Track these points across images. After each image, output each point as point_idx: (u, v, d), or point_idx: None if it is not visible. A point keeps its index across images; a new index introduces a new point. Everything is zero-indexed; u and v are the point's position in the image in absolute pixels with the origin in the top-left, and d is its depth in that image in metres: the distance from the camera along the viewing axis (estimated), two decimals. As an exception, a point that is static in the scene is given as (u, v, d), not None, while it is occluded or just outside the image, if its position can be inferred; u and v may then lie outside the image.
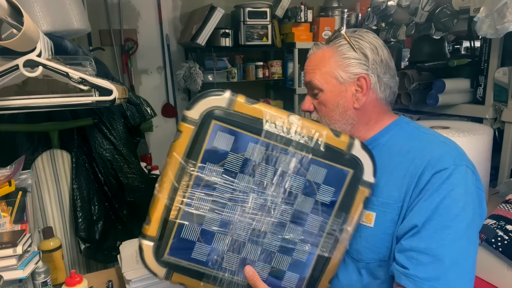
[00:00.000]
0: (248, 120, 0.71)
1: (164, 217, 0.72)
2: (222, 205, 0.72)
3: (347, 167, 0.75)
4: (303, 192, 0.73)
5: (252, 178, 0.72)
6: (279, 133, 0.71)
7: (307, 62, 0.95)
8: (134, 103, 1.71)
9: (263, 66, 3.01)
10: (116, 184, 1.66)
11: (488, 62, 1.72)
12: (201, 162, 0.70)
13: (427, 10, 1.78)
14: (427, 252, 0.74)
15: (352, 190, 0.76)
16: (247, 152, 0.71)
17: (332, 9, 2.87)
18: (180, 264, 0.73)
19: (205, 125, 0.69)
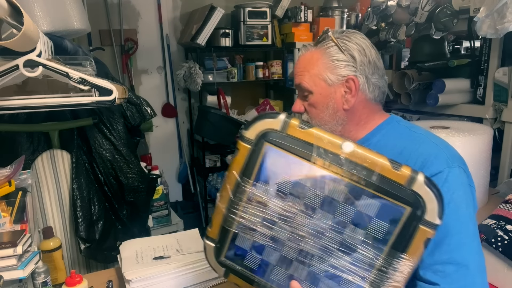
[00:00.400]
0: (300, 144, 0.71)
1: (222, 224, 0.76)
2: (272, 222, 0.73)
3: (404, 204, 0.67)
4: (352, 222, 0.69)
5: (301, 201, 0.71)
6: (330, 160, 0.69)
7: (296, 64, 0.96)
8: (134, 103, 1.71)
9: (263, 66, 3.01)
10: (116, 184, 1.66)
11: (488, 62, 1.73)
12: (254, 180, 0.73)
13: (427, 10, 1.78)
14: (451, 262, 0.75)
15: (411, 229, 0.67)
16: (297, 175, 0.71)
17: (332, 9, 2.87)
18: (234, 267, 0.78)
19: (259, 146, 0.72)
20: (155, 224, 2.11)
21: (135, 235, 1.68)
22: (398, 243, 0.68)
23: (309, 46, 0.94)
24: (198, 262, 1.12)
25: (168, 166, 3.17)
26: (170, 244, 1.24)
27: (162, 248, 1.21)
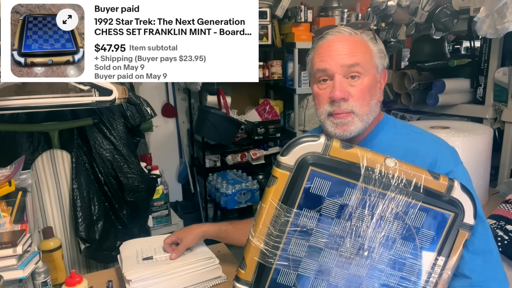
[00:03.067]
0: (344, 165, 0.69)
1: (260, 262, 0.72)
2: (319, 250, 0.71)
3: (448, 211, 0.71)
4: (401, 237, 0.70)
5: (349, 223, 0.70)
6: (376, 177, 0.69)
7: (337, 44, 0.86)
8: (134, 103, 1.71)
9: (263, 66, 3.01)
10: (116, 184, 1.66)
11: (488, 62, 1.73)
12: (298, 208, 0.69)
13: (427, 10, 1.78)
14: (477, 253, 0.77)
15: (452, 233, 0.72)
16: (344, 197, 0.69)
17: (332, 9, 2.87)
18: None
19: (302, 171, 0.69)
20: (155, 224, 2.11)
21: (135, 235, 1.68)
22: (443, 248, 0.71)
23: (349, 30, 0.87)
24: (198, 262, 1.12)
25: (168, 166, 3.17)
26: (170, 244, 1.24)
27: (163, 248, 1.21)
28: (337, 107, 0.84)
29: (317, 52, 0.89)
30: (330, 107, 0.85)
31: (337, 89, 0.83)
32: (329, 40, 0.87)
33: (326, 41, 0.87)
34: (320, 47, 0.88)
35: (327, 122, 0.87)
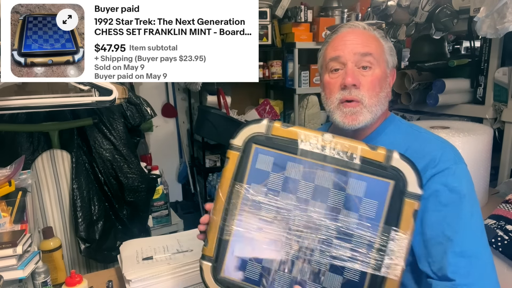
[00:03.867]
0: (285, 141, 0.76)
1: (219, 237, 0.77)
2: (269, 223, 0.75)
3: (387, 179, 0.72)
4: (345, 207, 0.73)
5: (294, 196, 0.74)
6: (314, 151, 0.74)
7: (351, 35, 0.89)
8: (134, 103, 1.71)
9: (263, 66, 3.01)
10: (116, 184, 1.66)
11: (488, 62, 1.73)
12: (247, 183, 0.76)
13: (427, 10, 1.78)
14: (462, 255, 0.75)
15: (398, 203, 0.72)
16: (286, 171, 0.75)
17: (332, 9, 2.87)
18: (235, 283, 0.76)
19: (248, 149, 0.77)
20: (155, 224, 2.11)
21: (135, 235, 1.68)
22: (389, 218, 0.71)
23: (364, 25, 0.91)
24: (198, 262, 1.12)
25: (168, 166, 3.18)
26: (170, 244, 1.24)
27: (163, 248, 1.21)
28: (348, 93, 0.86)
29: (330, 44, 0.91)
30: (340, 94, 0.87)
31: (349, 75, 0.85)
32: (343, 32, 0.90)
33: (340, 33, 0.90)
34: (333, 39, 0.91)
35: (336, 112, 0.88)
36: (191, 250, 1.19)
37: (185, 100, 3.23)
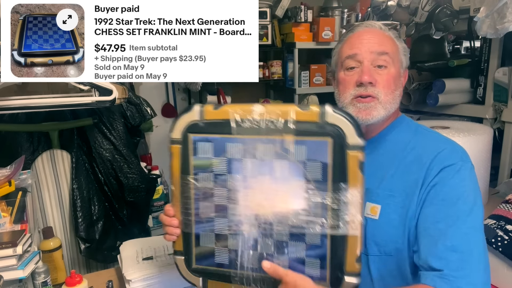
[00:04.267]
0: (219, 124, 0.75)
1: (183, 231, 0.80)
2: (224, 208, 0.76)
3: (324, 137, 0.70)
4: (292, 174, 0.72)
5: (241, 176, 0.75)
6: (247, 126, 0.73)
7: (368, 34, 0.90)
8: (134, 103, 1.71)
9: (263, 66, 3.01)
10: (116, 184, 1.66)
11: (488, 62, 1.72)
12: (194, 174, 0.77)
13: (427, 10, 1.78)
14: (454, 249, 0.75)
15: (341, 158, 0.70)
16: (228, 153, 0.75)
17: (332, 9, 2.87)
18: (208, 270, 0.79)
19: (186, 140, 0.78)
20: (155, 224, 2.11)
21: (135, 235, 1.68)
22: (336, 176, 0.70)
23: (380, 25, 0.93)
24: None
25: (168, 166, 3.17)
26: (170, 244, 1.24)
27: (163, 248, 1.21)
28: (364, 90, 0.87)
29: (346, 42, 0.93)
30: (355, 91, 0.88)
31: (365, 73, 0.86)
32: (359, 31, 0.92)
33: (357, 32, 0.92)
34: (350, 37, 0.92)
35: (349, 107, 0.89)
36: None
37: (185, 100, 3.23)
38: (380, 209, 0.84)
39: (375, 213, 0.85)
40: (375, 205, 0.85)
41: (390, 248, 0.83)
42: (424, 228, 0.80)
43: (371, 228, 0.84)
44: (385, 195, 0.85)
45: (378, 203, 0.85)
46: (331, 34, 2.75)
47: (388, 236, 0.83)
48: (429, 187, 0.81)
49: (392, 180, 0.86)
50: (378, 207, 0.85)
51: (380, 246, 0.84)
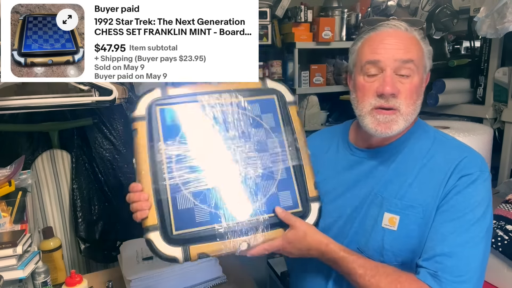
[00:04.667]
0: (182, 95, 0.88)
1: (156, 199, 0.79)
2: (197, 166, 0.82)
3: (270, 95, 0.93)
4: (252, 126, 0.88)
5: (208, 134, 0.85)
6: (210, 94, 0.88)
7: (393, 38, 0.83)
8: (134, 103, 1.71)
9: (263, 66, 3.00)
10: (116, 184, 1.66)
11: (488, 62, 1.72)
12: (164, 140, 0.82)
13: (427, 10, 1.78)
14: (451, 255, 0.74)
15: (285, 109, 0.92)
16: (194, 118, 0.86)
17: (332, 9, 2.87)
18: (191, 233, 0.77)
19: (152, 113, 0.85)
20: (155, 224, 2.11)
21: (135, 235, 1.68)
22: (285, 121, 0.90)
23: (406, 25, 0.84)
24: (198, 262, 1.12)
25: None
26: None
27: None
28: (385, 101, 0.81)
29: (368, 43, 0.85)
30: (376, 101, 0.83)
31: (388, 84, 0.80)
32: (383, 32, 0.84)
33: (380, 32, 0.84)
34: (372, 38, 0.85)
35: (368, 118, 0.84)
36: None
37: (185, 100, 3.22)
38: (399, 220, 0.82)
39: (393, 224, 0.82)
40: (394, 215, 0.82)
41: (408, 258, 0.82)
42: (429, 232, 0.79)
43: (389, 239, 0.82)
44: (405, 206, 0.82)
45: (397, 214, 0.82)
46: (331, 34, 2.75)
47: (407, 247, 0.81)
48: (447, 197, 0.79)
49: (411, 189, 0.82)
50: (396, 218, 0.82)
51: (398, 256, 0.82)
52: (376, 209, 0.85)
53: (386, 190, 0.85)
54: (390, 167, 0.87)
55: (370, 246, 0.84)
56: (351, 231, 0.87)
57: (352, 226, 0.88)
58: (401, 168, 0.86)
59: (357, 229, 0.87)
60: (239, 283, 1.16)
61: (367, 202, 0.87)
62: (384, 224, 0.83)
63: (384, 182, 0.86)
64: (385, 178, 0.87)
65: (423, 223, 0.80)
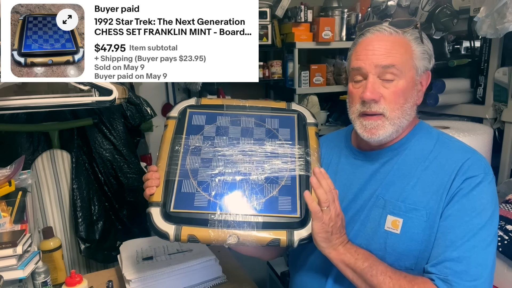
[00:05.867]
0: (212, 105, 1.02)
1: (166, 180, 0.87)
2: (209, 160, 0.91)
3: (291, 114, 1.01)
4: (267, 136, 0.95)
5: (226, 137, 0.94)
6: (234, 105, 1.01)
7: (375, 43, 0.83)
8: (134, 103, 1.71)
9: (263, 66, 3.01)
10: (116, 184, 1.66)
11: (488, 62, 1.72)
12: (186, 134, 0.95)
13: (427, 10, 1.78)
14: (460, 261, 0.74)
15: (303, 127, 0.98)
16: (217, 122, 0.98)
17: (332, 9, 2.87)
18: (185, 214, 0.83)
19: (183, 114, 1.00)
20: (155, 224, 2.11)
21: (135, 235, 1.68)
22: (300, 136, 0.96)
23: (390, 29, 0.84)
24: (198, 262, 1.12)
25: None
26: (170, 244, 1.24)
27: (163, 248, 1.21)
28: (367, 108, 0.83)
29: (355, 49, 0.87)
30: (361, 107, 0.84)
31: (368, 90, 0.81)
32: (367, 38, 0.85)
33: (365, 38, 0.85)
34: (359, 44, 0.87)
35: (357, 123, 0.87)
36: (191, 250, 1.19)
37: (185, 100, 3.22)
38: (402, 223, 0.81)
39: (396, 227, 0.81)
40: (397, 218, 0.82)
41: (411, 262, 0.81)
42: (436, 237, 0.78)
43: (392, 242, 0.81)
44: (408, 208, 0.81)
45: (400, 217, 0.81)
46: (331, 34, 2.75)
47: (410, 251, 0.80)
48: (452, 200, 0.78)
49: (414, 191, 0.82)
50: (399, 220, 0.81)
51: (400, 260, 0.81)
52: (378, 211, 0.85)
53: (388, 192, 0.85)
54: (392, 169, 0.87)
55: (372, 249, 0.83)
56: (351, 234, 0.87)
57: (352, 229, 0.87)
58: (403, 169, 0.85)
59: (358, 231, 0.87)
60: (239, 283, 1.16)
61: (369, 204, 0.87)
62: (387, 227, 0.82)
63: (386, 184, 0.86)
64: (387, 180, 0.86)
65: (427, 227, 0.79)
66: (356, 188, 0.90)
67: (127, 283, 1.06)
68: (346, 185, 0.92)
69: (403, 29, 0.85)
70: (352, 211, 0.89)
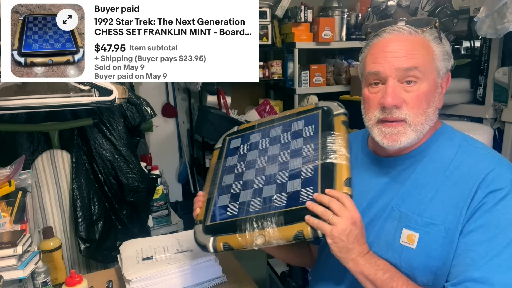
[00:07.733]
0: (247, 128, 1.11)
1: (208, 199, 0.97)
2: (241, 173, 0.97)
3: (316, 111, 0.98)
4: (292, 138, 0.96)
5: (257, 151, 1.00)
6: (265, 121, 1.07)
7: (394, 44, 0.77)
8: (134, 103, 1.71)
9: (263, 66, 3.01)
10: (116, 184, 1.66)
11: (488, 62, 1.72)
12: (225, 158, 1.06)
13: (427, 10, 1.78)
14: (483, 281, 0.68)
15: (328, 119, 0.93)
16: (250, 140, 1.06)
17: (332, 9, 2.87)
18: (219, 224, 0.88)
19: (224, 143, 1.13)
20: (155, 224, 2.11)
21: (135, 235, 1.68)
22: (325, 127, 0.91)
23: (409, 29, 0.78)
24: (198, 262, 1.12)
25: (168, 166, 3.17)
26: (170, 244, 1.24)
27: (163, 248, 1.21)
28: (388, 114, 0.77)
29: (370, 51, 0.81)
30: (380, 114, 0.79)
31: (389, 95, 0.75)
32: (385, 39, 0.79)
33: (382, 39, 0.79)
34: (374, 46, 0.81)
35: (374, 130, 0.81)
36: (191, 250, 1.19)
37: (185, 100, 3.23)
38: (418, 237, 0.76)
39: (412, 241, 0.76)
40: (413, 232, 0.76)
41: (428, 278, 0.76)
42: (456, 255, 0.73)
43: (407, 257, 0.77)
44: (425, 223, 0.75)
45: (416, 231, 0.76)
46: (331, 34, 2.75)
47: (427, 267, 0.75)
48: (474, 216, 0.72)
49: (432, 204, 0.76)
50: (416, 235, 0.76)
51: (416, 276, 0.77)
52: (393, 223, 0.80)
53: (404, 204, 0.79)
54: (409, 178, 0.81)
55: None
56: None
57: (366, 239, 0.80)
58: (421, 180, 0.80)
59: (372, 243, 0.81)
60: (239, 283, 1.16)
61: (383, 215, 0.82)
62: (402, 241, 0.77)
63: (402, 195, 0.80)
64: (403, 190, 0.80)
65: (445, 243, 0.74)
66: (371, 196, 0.86)
67: (127, 283, 1.06)
68: (361, 191, 0.86)
69: (421, 28, 0.79)
70: (366, 220, 0.82)
